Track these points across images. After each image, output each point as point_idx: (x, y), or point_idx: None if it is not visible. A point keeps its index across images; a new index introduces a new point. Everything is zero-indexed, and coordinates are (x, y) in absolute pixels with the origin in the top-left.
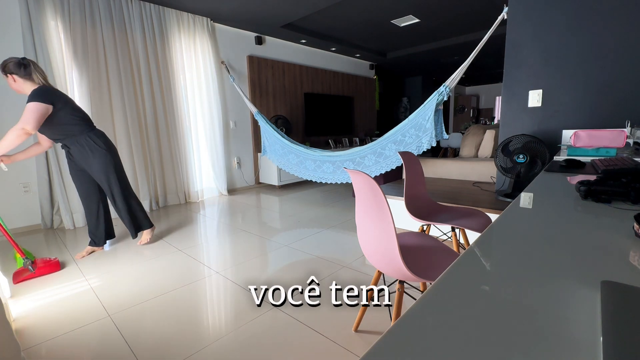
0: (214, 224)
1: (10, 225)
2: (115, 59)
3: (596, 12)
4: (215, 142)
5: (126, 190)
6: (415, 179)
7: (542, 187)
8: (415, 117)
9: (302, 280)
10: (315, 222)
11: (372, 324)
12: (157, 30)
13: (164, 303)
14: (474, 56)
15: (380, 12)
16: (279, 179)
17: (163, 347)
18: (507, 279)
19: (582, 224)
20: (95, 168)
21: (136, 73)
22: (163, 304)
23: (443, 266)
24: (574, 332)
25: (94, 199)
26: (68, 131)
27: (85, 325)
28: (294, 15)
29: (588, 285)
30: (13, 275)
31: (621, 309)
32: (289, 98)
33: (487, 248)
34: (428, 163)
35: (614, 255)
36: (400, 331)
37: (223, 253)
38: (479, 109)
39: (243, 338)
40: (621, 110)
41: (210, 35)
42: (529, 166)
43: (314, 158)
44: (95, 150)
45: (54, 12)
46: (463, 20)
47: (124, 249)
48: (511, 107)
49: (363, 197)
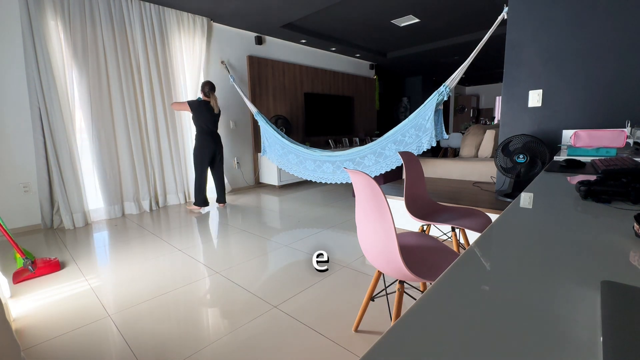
0: (214, 224)
1: (10, 225)
2: (115, 59)
3: (596, 12)
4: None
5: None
6: (415, 179)
7: (542, 187)
8: (415, 117)
9: (302, 280)
10: (315, 222)
11: (372, 324)
12: (157, 30)
13: (164, 303)
14: (474, 56)
15: (380, 12)
16: (279, 179)
17: (163, 347)
18: (507, 279)
19: (582, 224)
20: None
21: (136, 73)
22: (163, 304)
23: (443, 266)
24: (574, 332)
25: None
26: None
27: (85, 325)
28: (294, 15)
29: (588, 285)
30: (13, 275)
31: (621, 309)
32: (288, 98)
33: (487, 248)
34: (428, 163)
35: (614, 255)
36: (400, 331)
37: (223, 253)
38: (479, 109)
39: (243, 338)
40: (621, 110)
41: (209, 35)
42: (529, 166)
43: (314, 158)
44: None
45: (54, 12)
46: (463, 20)
47: (124, 249)
48: (511, 107)
49: (363, 197)
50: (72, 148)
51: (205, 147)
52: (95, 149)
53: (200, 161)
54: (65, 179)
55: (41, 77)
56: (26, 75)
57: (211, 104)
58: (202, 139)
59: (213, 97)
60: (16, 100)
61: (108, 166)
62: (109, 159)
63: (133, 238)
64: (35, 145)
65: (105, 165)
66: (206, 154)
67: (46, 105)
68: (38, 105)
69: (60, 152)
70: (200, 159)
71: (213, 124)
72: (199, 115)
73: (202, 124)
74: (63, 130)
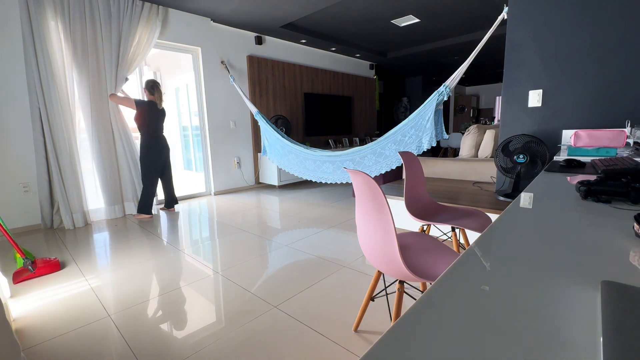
0: (213, 224)
1: (10, 225)
2: (115, 59)
3: (596, 12)
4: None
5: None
6: (415, 179)
7: (542, 187)
8: (415, 117)
9: (302, 280)
10: (315, 222)
11: (372, 324)
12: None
13: (164, 303)
14: (474, 56)
15: (380, 12)
16: (279, 179)
17: (163, 347)
18: (507, 279)
19: (582, 224)
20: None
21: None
22: (163, 304)
23: (443, 266)
24: (574, 332)
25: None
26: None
27: (85, 325)
28: (294, 15)
29: (588, 285)
30: (13, 275)
31: (621, 309)
32: (288, 98)
33: (487, 248)
34: (428, 163)
35: (614, 255)
36: (400, 331)
37: (223, 253)
38: (479, 109)
39: (243, 338)
40: (621, 110)
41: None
42: (529, 166)
43: (314, 158)
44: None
45: (54, 12)
46: (463, 20)
47: (124, 249)
48: (511, 107)
49: (363, 197)
50: (72, 148)
51: (156, 152)
52: (95, 149)
53: (153, 167)
54: (65, 179)
55: (41, 77)
56: (26, 76)
57: (157, 102)
58: (152, 143)
59: (158, 92)
60: (16, 100)
61: (108, 166)
62: (108, 159)
63: (133, 238)
64: (35, 145)
65: (105, 165)
66: (158, 160)
67: (46, 105)
68: (38, 105)
69: (60, 152)
70: (152, 165)
71: (161, 125)
72: (148, 117)
73: (152, 126)
74: (63, 130)
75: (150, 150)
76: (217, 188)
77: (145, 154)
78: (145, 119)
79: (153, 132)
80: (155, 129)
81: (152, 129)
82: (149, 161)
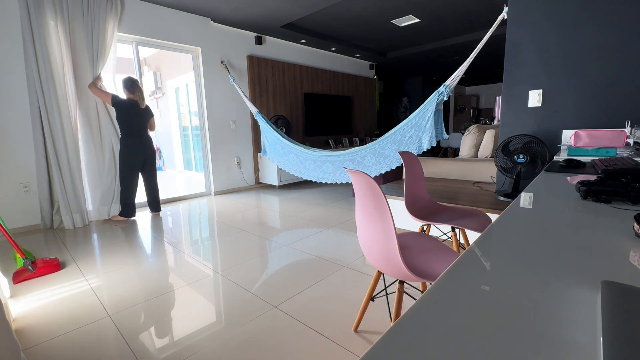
0: (214, 224)
1: (10, 225)
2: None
3: (596, 12)
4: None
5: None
6: (415, 179)
7: (542, 187)
8: (415, 117)
9: (302, 280)
10: (315, 222)
11: (372, 324)
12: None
13: (163, 303)
14: (474, 56)
15: (380, 12)
16: (279, 179)
17: (163, 347)
18: (507, 279)
19: (582, 223)
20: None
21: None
22: (163, 304)
23: (443, 266)
24: (574, 332)
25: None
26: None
27: (85, 325)
28: (294, 15)
29: (588, 285)
30: (13, 275)
31: (621, 309)
32: (288, 98)
33: (487, 248)
34: (428, 163)
35: (614, 255)
36: (400, 331)
37: (223, 253)
38: (479, 109)
39: (243, 338)
40: (621, 110)
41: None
42: (529, 166)
43: (314, 158)
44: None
45: (54, 13)
46: (463, 20)
47: (124, 249)
48: (511, 107)
49: (363, 197)
50: (72, 148)
51: (134, 152)
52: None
53: (129, 167)
54: (65, 179)
55: (41, 77)
56: (26, 76)
57: (138, 101)
58: (130, 142)
59: (139, 91)
60: (16, 100)
61: (95, 165)
62: (95, 157)
63: (133, 238)
64: (35, 145)
65: (93, 164)
66: (136, 160)
67: (46, 105)
68: (38, 105)
69: (60, 152)
70: (129, 165)
71: (142, 125)
72: (126, 115)
73: (130, 125)
74: (63, 130)
75: (126, 150)
76: (217, 188)
77: (121, 153)
78: (123, 117)
79: (131, 132)
80: (135, 128)
81: (130, 129)
82: (124, 161)
